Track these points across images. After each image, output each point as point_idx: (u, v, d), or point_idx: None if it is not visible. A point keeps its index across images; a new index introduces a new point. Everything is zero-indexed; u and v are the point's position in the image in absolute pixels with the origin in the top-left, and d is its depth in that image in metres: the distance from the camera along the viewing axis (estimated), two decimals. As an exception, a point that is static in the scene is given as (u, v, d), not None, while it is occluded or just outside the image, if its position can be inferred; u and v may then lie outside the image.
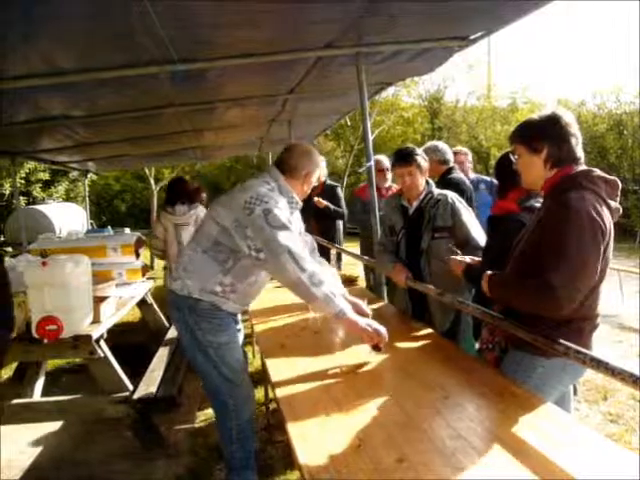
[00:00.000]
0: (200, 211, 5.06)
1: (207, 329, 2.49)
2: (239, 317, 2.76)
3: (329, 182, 6.05)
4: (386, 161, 5.12)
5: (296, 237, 2.39)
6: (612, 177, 1.91)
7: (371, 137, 3.53)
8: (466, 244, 2.83)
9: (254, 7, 2.38)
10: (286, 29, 2.78)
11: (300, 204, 2.63)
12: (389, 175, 5.12)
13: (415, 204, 3.05)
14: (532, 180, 2.02)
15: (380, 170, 5.04)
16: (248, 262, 2.41)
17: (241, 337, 2.72)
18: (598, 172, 1.89)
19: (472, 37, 3.25)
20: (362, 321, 2.20)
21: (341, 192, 5.93)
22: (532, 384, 1.91)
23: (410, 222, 3.06)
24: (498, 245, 2.34)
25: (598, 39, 56.21)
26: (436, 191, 3.07)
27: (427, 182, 3.10)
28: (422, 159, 3.01)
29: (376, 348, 2.12)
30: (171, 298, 2.56)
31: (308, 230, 6.44)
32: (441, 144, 4.09)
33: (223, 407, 2.60)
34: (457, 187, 3.44)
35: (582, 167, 1.92)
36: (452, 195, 3.01)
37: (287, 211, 2.45)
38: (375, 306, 3.16)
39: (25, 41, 2.46)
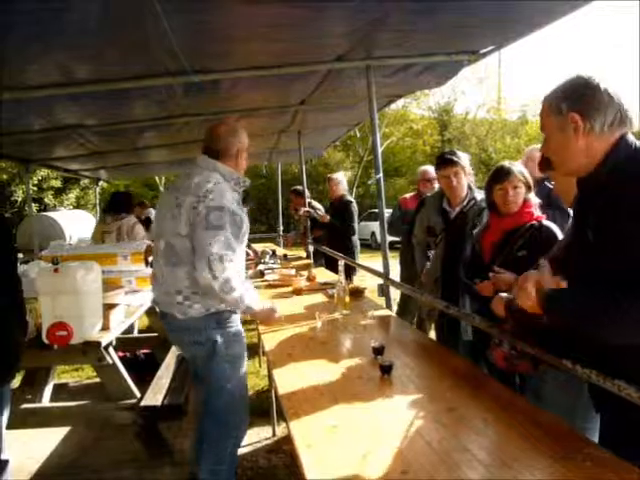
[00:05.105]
0: (126, 222, 5.51)
1: (229, 341, 2.55)
2: None
3: (347, 198, 6.05)
4: (432, 171, 4.91)
5: (228, 239, 2.40)
6: None
7: (380, 149, 3.55)
8: None
9: (267, 21, 2.42)
10: (298, 42, 2.82)
11: (247, 181, 2.69)
12: (436, 185, 4.85)
13: (457, 209, 3.07)
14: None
15: (428, 180, 4.94)
16: None
17: None
18: None
19: (482, 51, 3.27)
20: (266, 313, 2.65)
21: (354, 209, 5.91)
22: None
23: (452, 226, 3.07)
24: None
25: (610, 51, 56.11)
26: (479, 196, 3.06)
27: (469, 187, 3.11)
28: (465, 161, 3.06)
29: (385, 370, 2.12)
30: (189, 325, 2.50)
31: (319, 241, 6.50)
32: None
33: (224, 425, 2.56)
34: None
35: None
36: None
37: (234, 200, 2.52)
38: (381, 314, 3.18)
39: (43, 52, 2.51)
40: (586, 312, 1.44)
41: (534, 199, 2.54)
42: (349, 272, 5.42)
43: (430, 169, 5.06)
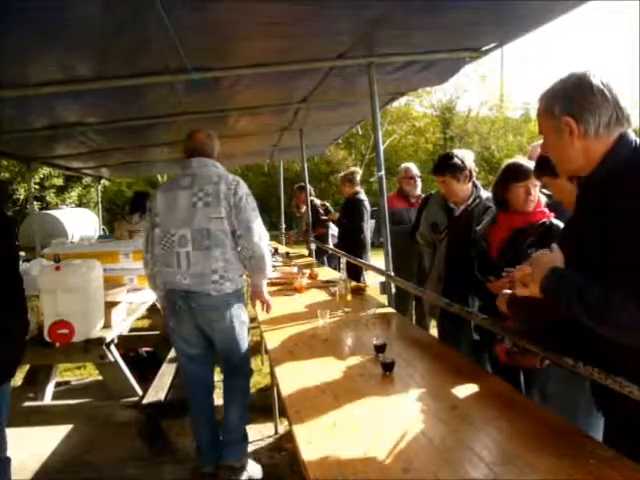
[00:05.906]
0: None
1: (243, 309, 2.96)
2: None
3: (359, 196, 5.89)
4: (415, 168, 4.99)
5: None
6: None
7: (382, 146, 3.54)
8: None
9: (268, 18, 2.41)
10: (300, 40, 2.81)
11: None
12: (419, 183, 4.97)
13: (462, 207, 3.07)
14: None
15: (410, 177, 4.89)
16: None
17: None
18: None
19: (484, 48, 3.26)
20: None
21: (364, 208, 5.76)
22: None
23: (456, 222, 3.07)
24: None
25: (614, 50, 55.91)
26: (484, 195, 3.03)
27: (475, 185, 3.09)
28: (460, 167, 2.99)
29: (386, 368, 2.12)
30: (220, 300, 2.83)
31: (321, 238, 6.47)
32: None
33: (245, 376, 3.05)
34: None
35: None
36: None
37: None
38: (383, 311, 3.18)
39: (44, 50, 2.51)
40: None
41: (542, 198, 2.53)
42: (358, 272, 5.33)
43: (411, 166, 5.03)
